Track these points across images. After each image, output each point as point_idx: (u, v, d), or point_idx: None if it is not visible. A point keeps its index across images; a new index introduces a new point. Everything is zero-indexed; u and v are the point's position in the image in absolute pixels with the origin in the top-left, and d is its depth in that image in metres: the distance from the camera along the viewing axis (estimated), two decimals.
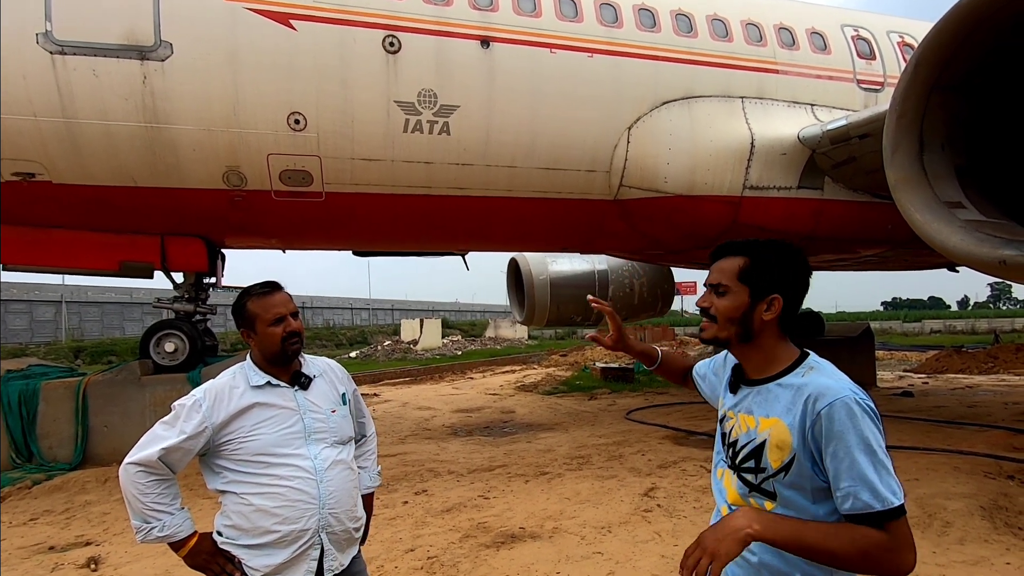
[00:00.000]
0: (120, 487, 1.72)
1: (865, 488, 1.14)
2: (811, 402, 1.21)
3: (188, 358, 6.90)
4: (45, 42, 5.38)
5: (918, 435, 7.12)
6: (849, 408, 1.18)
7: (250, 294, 1.86)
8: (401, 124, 6.27)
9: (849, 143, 6.58)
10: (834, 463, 1.17)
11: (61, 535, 4.62)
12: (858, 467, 1.15)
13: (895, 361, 20.43)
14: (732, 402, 1.41)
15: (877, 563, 1.13)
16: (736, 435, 1.36)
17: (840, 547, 1.13)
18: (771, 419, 1.27)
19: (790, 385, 1.28)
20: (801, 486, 1.23)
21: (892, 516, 1.15)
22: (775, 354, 1.34)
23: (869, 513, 1.14)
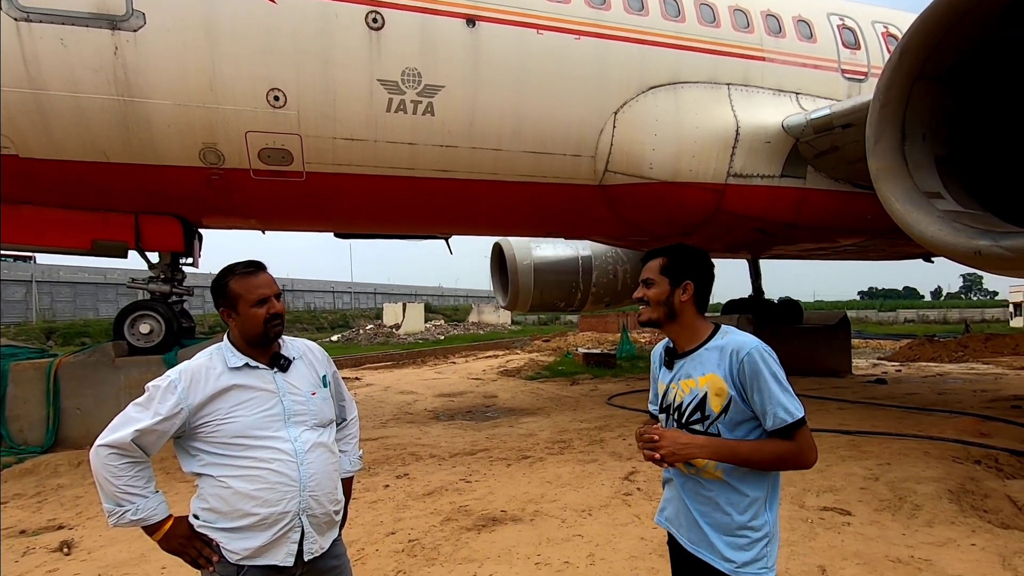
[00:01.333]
0: (92, 471, 1.66)
1: (780, 408, 1.56)
2: (734, 354, 1.62)
3: (164, 340, 6.76)
4: (9, 7, 5.14)
5: (891, 421, 7.30)
6: (761, 354, 1.60)
7: (232, 272, 1.80)
8: (384, 103, 6.14)
9: (832, 132, 6.63)
10: (758, 395, 1.58)
11: (32, 519, 4.52)
12: (775, 395, 1.57)
13: (870, 349, 20.91)
14: (669, 376, 1.79)
15: (789, 463, 1.60)
16: (679, 400, 1.72)
17: (764, 456, 1.59)
18: (707, 375, 1.66)
19: (715, 347, 1.68)
20: (736, 420, 1.63)
21: (798, 426, 1.57)
22: (696, 328, 1.74)
23: (784, 427, 1.56)
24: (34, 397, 6.20)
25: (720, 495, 1.65)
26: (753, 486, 1.64)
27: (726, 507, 1.64)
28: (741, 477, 1.63)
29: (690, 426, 1.68)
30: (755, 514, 1.63)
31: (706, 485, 1.66)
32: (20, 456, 5.84)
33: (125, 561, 3.68)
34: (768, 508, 1.65)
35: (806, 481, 4.89)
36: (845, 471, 5.21)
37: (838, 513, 4.24)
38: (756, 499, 1.63)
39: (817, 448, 1.62)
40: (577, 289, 12.23)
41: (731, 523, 1.63)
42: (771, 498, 1.66)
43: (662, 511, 1.86)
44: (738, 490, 1.63)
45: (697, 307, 1.75)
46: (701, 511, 1.68)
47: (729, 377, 1.62)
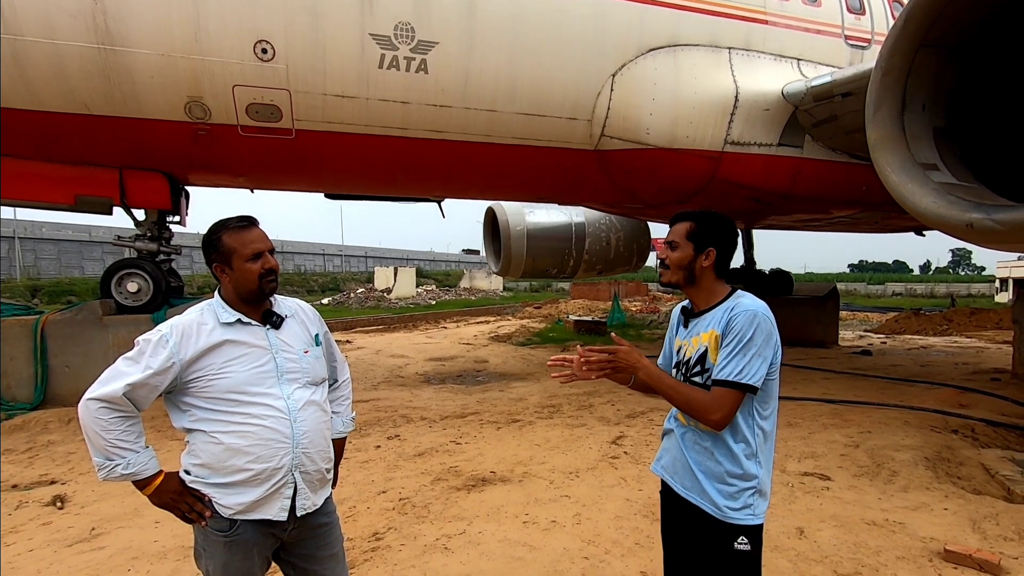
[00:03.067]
0: (80, 424, 1.63)
1: (730, 364, 1.67)
2: (730, 311, 1.73)
3: (152, 299, 6.68)
4: None
5: (874, 391, 7.45)
6: (751, 316, 1.69)
7: (225, 227, 1.76)
8: (376, 59, 5.95)
9: (832, 101, 6.53)
10: (726, 348, 1.69)
11: (24, 474, 4.55)
12: (735, 353, 1.67)
13: (857, 321, 21.21)
14: (684, 334, 1.89)
15: (696, 412, 1.71)
16: (688, 355, 1.83)
17: (678, 393, 1.73)
18: (709, 331, 1.77)
19: (725, 308, 1.78)
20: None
21: (726, 386, 1.67)
22: (713, 291, 1.83)
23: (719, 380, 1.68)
24: (21, 354, 6.15)
25: (715, 447, 1.76)
26: (743, 442, 1.74)
27: (719, 457, 1.75)
28: (731, 432, 1.74)
29: (691, 378, 1.80)
30: (745, 466, 1.73)
31: (704, 436, 1.78)
32: (9, 412, 5.83)
33: (118, 515, 3.72)
34: (759, 464, 1.75)
35: (788, 447, 5.01)
36: (827, 438, 5.34)
37: (818, 478, 4.36)
38: (741, 451, 1.74)
39: (727, 416, 1.69)
40: (570, 256, 12.21)
41: (723, 471, 1.73)
42: (762, 454, 1.76)
43: (659, 460, 1.97)
44: (729, 444, 1.74)
45: (717, 272, 1.83)
46: (696, 460, 1.79)
47: (721, 331, 1.73)
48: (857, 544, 3.30)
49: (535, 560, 3.10)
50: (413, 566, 3.04)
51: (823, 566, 3.05)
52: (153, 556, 3.17)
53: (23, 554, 3.21)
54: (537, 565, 3.05)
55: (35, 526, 3.59)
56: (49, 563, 3.10)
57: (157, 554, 3.20)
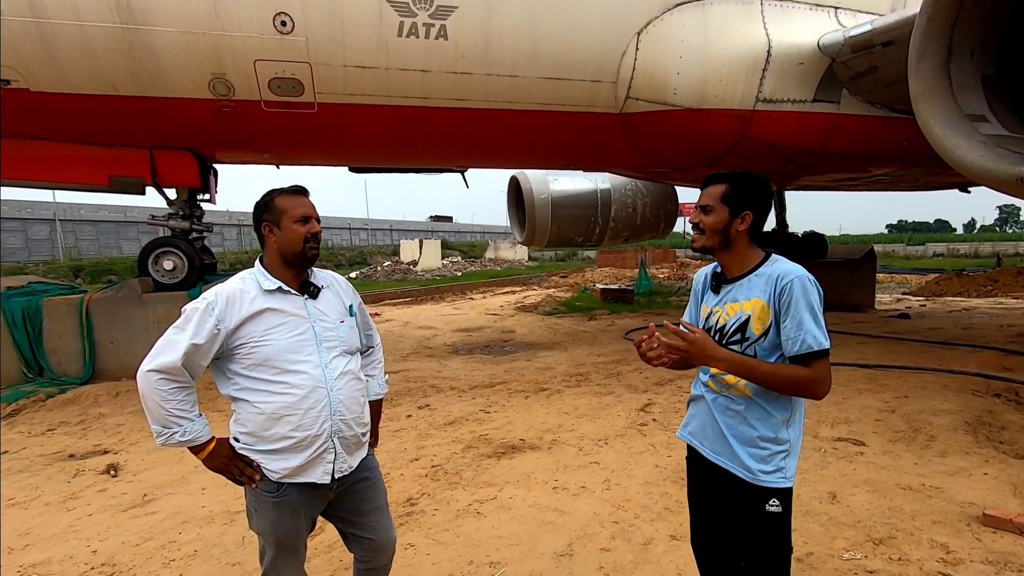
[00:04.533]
0: (140, 395, 1.71)
1: (809, 335, 1.62)
2: (779, 281, 1.68)
3: (187, 276, 6.88)
4: None
5: (911, 355, 7.26)
6: (803, 283, 1.65)
7: (280, 191, 1.86)
8: (395, 27, 5.85)
9: (872, 51, 6.17)
10: (791, 321, 1.64)
11: (79, 444, 4.80)
12: (806, 323, 1.63)
13: (895, 284, 20.55)
14: (715, 300, 1.83)
15: (803, 389, 1.66)
16: (723, 322, 1.78)
17: (780, 376, 1.65)
18: (753, 300, 1.72)
19: (763, 274, 1.73)
20: (774, 343, 1.69)
21: (820, 356, 1.63)
22: (747, 255, 1.78)
23: (806, 353, 1.62)
24: (68, 331, 6.43)
25: (748, 412, 1.74)
26: (778, 406, 1.72)
27: (753, 421, 1.73)
28: (768, 397, 1.72)
29: (729, 346, 1.75)
30: (778, 430, 1.72)
31: (736, 400, 1.76)
32: (62, 387, 6.14)
33: (168, 482, 3.92)
34: (790, 426, 1.74)
35: (820, 413, 4.94)
36: (861, 404, 5.24)
37: (851, 443, 4.30)
38: (781, 418, 1.72)
39: (832, 383, 1.67)
40: (595, 223, 12.04)
41: (755, 435, 1.72)
42: (795, 418, 1.75)
43: (685, 426, 1.95)
44: (765, 408, 1.72)
45: (751, 236, 1.78)
46: (728, 424, 1.77)
47: (771, 302, 1.69)
48: (891, 508, 3.26)
49: (565, 524, 3.16)
50: (447, 530, 3.13)
51: (855, 530, 3.03)
52: (201, 520, 3.34)
53: (83, 518, 3.41)
54: (567, 529, 3.11)
55: (92, 492, 3.80)
56: (107, 526, 3.30)
57: (205, 518, 3.36)
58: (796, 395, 1.70)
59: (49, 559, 2.96)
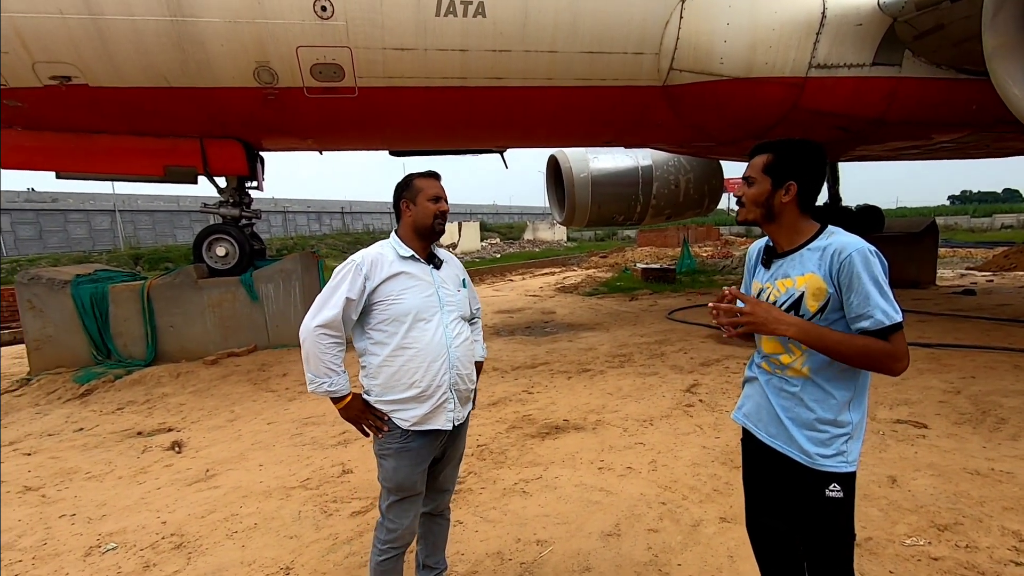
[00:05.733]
0: (302, 348, 1.98)
1: (879, 310, 1.51)
2: (836, 255, 1.57)
3: (239, 261, 7.13)
4: None
5: (977, 334, 6.85)
6: (864, 255, 1.54)
7: (418, 175, 2.15)
8: (433, 6, 5.80)
9: (939, 7, 5.72)
10: (856, 297, 1.53)
11: (146, 422, 5.10)
12: (872, 297, 1.52)
13: (958, 259, 19.40)
14: (766, 276, 1.75)
15: (877, 363, 1.54)
16: (774, 298, 1.68)
17: (853, 349, 1.53)
18: (807, 275, 1.62)
19: (817, 248, 1.63)
20: (831, 319, 1.59)
21: (894, 329, 1.52)
22: (798, 228, 1.68)
23: (879, 329, 1.52)
24: (132, 316, 6.79)
25: (805, 392, 1.65)
26: (839, 387, 1.62)
27: (810, 403, 1.64)
28: (828, 377, 1.62)
29: None
30: (838, 412, 1.62)
31: (791, 381, 1.67)
32: (128, 368, 6.50)
33: (227, 459, 4.11)
34: (853, 408, 1.63)
35: (878, 394, 4.74)
36: (922, 384, 5.00)
37: (912, 426, 4.11)
38: (841, 399, 1.62)
39: (910, 358, 1.56)
40: (636, 202, 11.78)
41: (813, 418, 1.64)
42: (858, 399, 1.64)
43: (740, 408, 1.88)
44: (824, 389, 1.63)
45: (801, 207, 1.67)
46: (784, 406, 1.69)
47: (828, 278, 1.58)
48: (957, 494, 3.11)
49: (612, 504, 3.15)
50: (494, 508, 3.17)
51: (918, 515, 2.90)
52: (260, 495, 3.49)
53: (153, 491, 3.63)
54: (614, 509, 3.10)
55: (159, 467, 4.03)
56: (174, 499, 3.50)
57: (263, 493, 3.52)
58: (870, 369, 1.58)
59: (124, 528, 3.16)
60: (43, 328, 6.62)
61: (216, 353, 6.75)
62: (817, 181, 1.69)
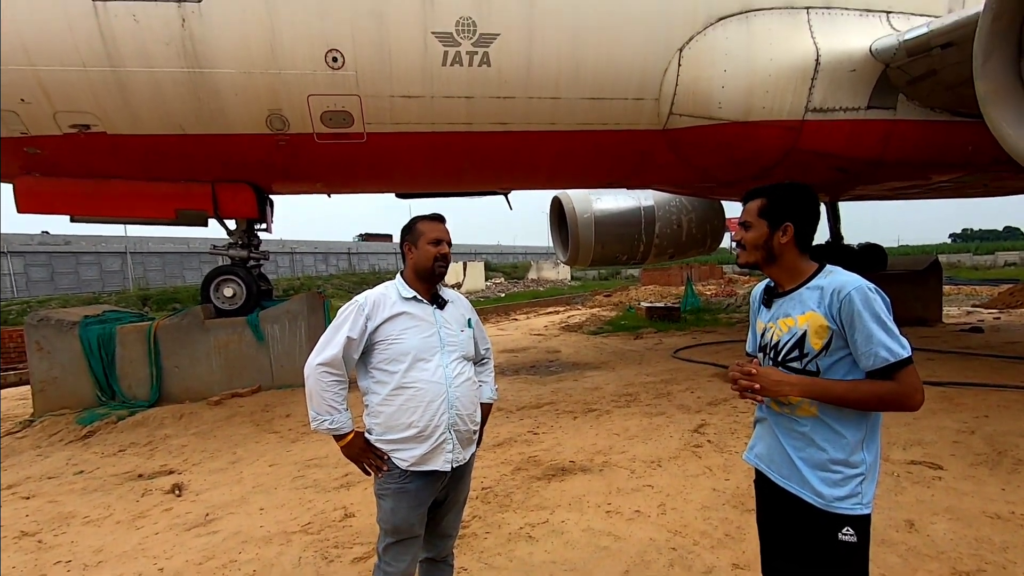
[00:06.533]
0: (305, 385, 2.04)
1: (882, 348, 1.51)
2: (835, 294, 1.58)
3: (246, 302, 7.18)
4: None
5: (988, 372, 6.76)
6: (863, 293, 1.55)
7: (422, 218, 2.21)
8: (439, 57, 6.03)
9: (930, 54, 5.91)
10: (859, 335, 1.53)
11: (147, 464, 5.03)
12: (875, 335, 1.52)
13: (963, 296, 19.31)
14: (768, 316, 1.76)
15: (889, 404, 1.55)
16: (776, 338, 1.70)
17: (860, 395, 1.55)
18: (807, 314, 1.63)
19: (816, 287, 1.65)
20: (837, 359, 1.59)
21: (902, 366, 1.51)
22: (798, 268, 1.71)
23: (886, 366, 1.51)
24: (138, 357, 6.81)
25: (815, 431, 1.63)
26: (849, 426, 1.60)
27: (821, 443, 1.62)
28: (837, 415, 1.60)
29: (787, 364, 1.68)
30: (851, 452, 1.60)
31: (800, 421, 1.65)
32: (132, 410, 6.47)
33: (228, 502, 4.04)
34: (866, 448, 1.61)
35: (891, 434, 4.65)
36: (935, 424, 4.91)
37: (927, 467, 4.02)
38: (853, 439, 1.60)
39: (923, 393, 1.54)
40: (639, 241, 11.89)
41: (825, 459, 1.61)
42: (869, 438, 1.63)
43: (751, 448, 1.86)
44: (833, 428, 1.61)
45: (799, 248, 1.71)
46: (795, 446, 1.67)
47: (829, 315, 1.60)
48: (978, 539, 3.01)
49: (621, 550, 3.06)
50: (499, 554, 3.09)
51: (939, 562, 2.81)
52: (260, 540, 3.42)
53: (151, 537, 3.56)
54: (623, 555, 3.01)
55: (158, 512, 3.96)
56: (172, 545, 3.42)
57: (263, 538, 3.44)
58: (885, 410, 1.59)
59: (121, 575, 3.08)
60: (49, 370, 6.63)
61: (220, 394, 6.72)
62: (812, 221, 1.73)
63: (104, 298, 22.08)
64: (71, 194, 6.66)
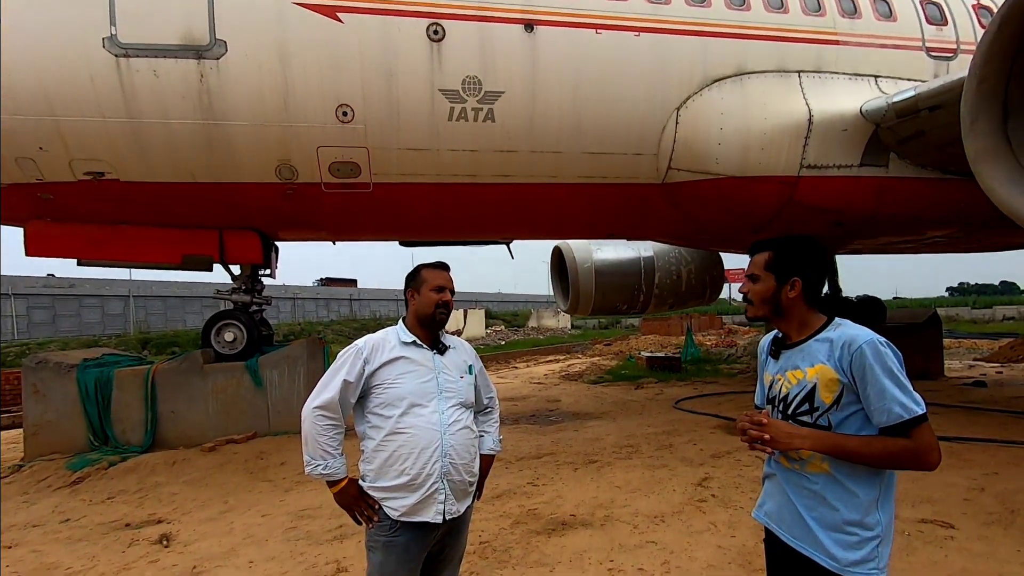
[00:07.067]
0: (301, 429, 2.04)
1: (896, 404, 1.48)
2: (846, 347, 1.55)
3: (246, 347, 7.17)
4: (111, 46, 5.64)
5: (995, 427, 6.67)
6: (875, 347, 1.52)
7: (426, 265, 2.25)
8: (446, 112, 6.27)
9: (918, 116, 6.15)
10: (871, 390, 1.50)
11: (135, 513, 4.90)
12: (888, 390, 1.48)
13: (964, 350, 19.22)
14: (776, 368, 1.73)
15: (904, 462, 1.50)
16: (785, 391, 1.66)
17: (873, 452, 1.50)
18: (816, 366, 1.60)
19: (825, 339, 1.62)
20: (849, 413, 1.55)
21: (917, 423, 1.48)
22: (807, 321, 1.69)
23: (900, 423, 1.47)
24: (134, 401, 6.73)
25: (827, 490, 1.57)
26: (863, 484, 1.55)
27: (834, 502, 1.56)
28: (849, 473, 1.55)
29: (797, 418, 1.63)
30: (865, 512, 1.54)
31: (811, 479, 1.60)
32: (124, 455, 6.34)
33: (217, 554, 3.91)
34: (881, 508, 1.56)
35: (899, 491, 4.48)
36: (944, 481, 4.80)
37: (939, 526, 3.91)
38: (867, 498, 1.54)
39: (939, 451, 1.50)
40: (639, 291, 11.97)
41: (839, 519, 1.55)
42: (884, 498, 1.57)
43: (761, 506, 1.80)
44: (846, 487, 1.55)
45: (807, 301, 1.69)
46: (806, 505, 1.60)
47: (839, 368, 1.56)
48: None
49: None
50: None
51: None
52: None
53: None
54: None
55: (144, 563, 3.83)
56: None
57: None
58: (899, 468, 1.54)
59: None
60: (43, 413, 6.55)
61: (215, 440, 6.60)
62: (820, 274, 1.72)
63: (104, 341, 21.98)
64: (80, 238, 6.76)
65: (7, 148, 5.81)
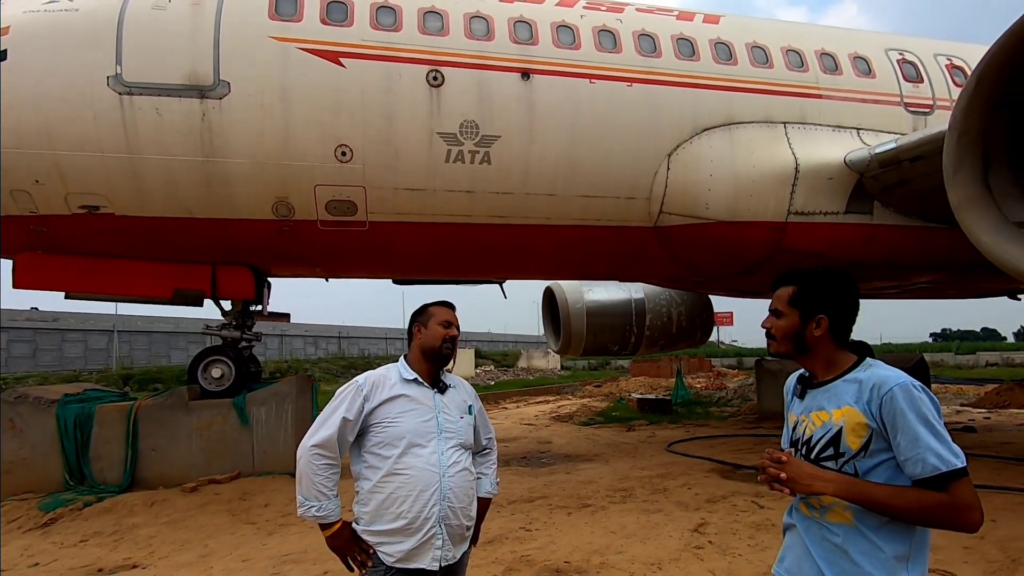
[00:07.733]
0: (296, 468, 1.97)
1: (931, 454, 1.33)
2: (876, 389, 1.43)
3: (233, 384, 7.03)
4: (115, 84, 5.75)
5: (988, 473, 6.64)
6: (908, 391, 1.39)
7: (433, 303, 2.24)
8: (443, 154, 6.41)
9: (900, 166, 6.39)
10: (903, 437, 1.36)
11: (109, 557, 4.68)
12: (922, 438, 1.35)
13: (950, 395, 19.29)
14: (801, 408, 1.60)
15: (940, 520, 1.34)
16: (809, 433, 1.53)
17: (904, 504, 1.34)
18: (843, 408, 1.47)
19: (854, 380, 1.49)
20: (878, 462, 1.42)
21: (955, 477, 1.33)
22: (834, 360, 1.56)
23: (936, 476, 1.32)
24: (115, 438, 6.53)
25: (850, 543, 1.43)
26: (890, 539, 1.40)
27: (856, 556, 1.41)
28: (876, 525, 1.41)
29: (821, 463, 1.50)
30: (892, 570, 1.39)
31: (832, 529, 1.46)
32: (100, 495, 6.10)
33: None
34: (911, 569, 1.40)
35: None
36: None
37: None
38: (893, 554, 1.39)
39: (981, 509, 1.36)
40: (631, 332, 12.01)
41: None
42: (916, 557, 1.42)
43: (781, 561, 1.65)
44: (871, 540, 1.41)
45: (835, 340, 1.56)
46: (826, 559, 1.46)
47: (868, 412, 1.44)
48: None
49: None
50: None
51: None
52: None
53: None
54: None
55: None
56: None
57: None
58: (932, 526, 1.38)
59: None
60: (19, 449, 6.33)
61: (196, 479, 6.38)
62: (850, 311, 1.57)
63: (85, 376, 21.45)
64: (69, 271, 6.70)
65: (4, 181, 5.81)
